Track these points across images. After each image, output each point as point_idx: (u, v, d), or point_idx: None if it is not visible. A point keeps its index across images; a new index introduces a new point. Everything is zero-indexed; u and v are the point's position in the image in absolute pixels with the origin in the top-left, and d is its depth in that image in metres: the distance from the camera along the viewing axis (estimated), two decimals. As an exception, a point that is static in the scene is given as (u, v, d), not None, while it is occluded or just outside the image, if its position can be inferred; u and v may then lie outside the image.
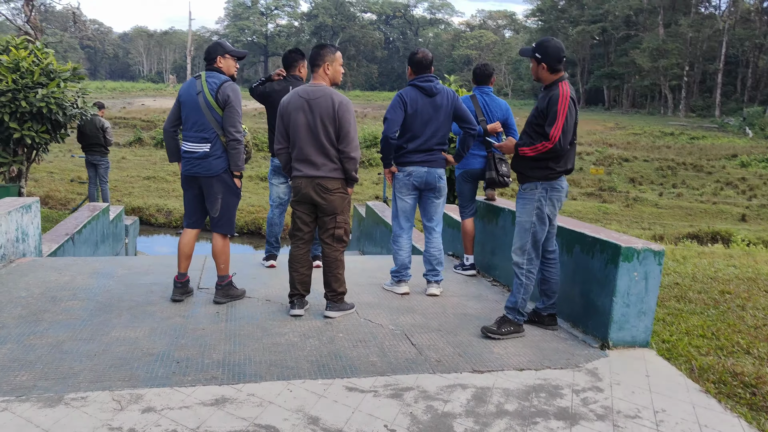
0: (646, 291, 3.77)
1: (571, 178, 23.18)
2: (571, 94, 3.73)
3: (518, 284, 3.91)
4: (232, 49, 4.45)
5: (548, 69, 3.77)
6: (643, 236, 15.56)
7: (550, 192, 3.84)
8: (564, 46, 3.87)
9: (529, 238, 3.85)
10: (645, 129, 39.79)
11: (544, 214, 3.83)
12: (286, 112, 4.08)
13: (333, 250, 4.20)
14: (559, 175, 3.84)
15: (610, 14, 58.88)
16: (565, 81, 3.79)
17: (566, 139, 3.69)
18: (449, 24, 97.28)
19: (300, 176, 4.09)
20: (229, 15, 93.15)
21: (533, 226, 3.84)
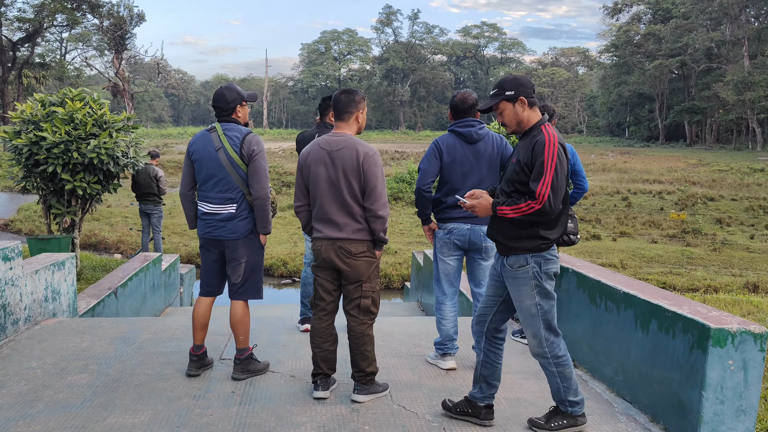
0: (745, 384, 2.99)
1: (652, 219, 21.77)
2: (559, 140, 3.01)
3: (551, 375, 3.22)
4: (248, 93, 4.05)
5: (528, 103, 3.09)
6: (734, 284, 14.13)
7: (545, 265, 3.11)
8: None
9: (541, 324, 3.15)
10: (732, 165, 37.37)
11: (546, 289, 3.12)
12: (306, 165, 3.61)
13: (359, 324, 3.63)
14: (553, 243, 3.13)
15: (690, 47, 56.57)
16: (548, 123, 3.10)
17: (557, 198, 2.96)
18: (520, 62, 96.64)
19: (320, 238, 3.59)
20: (303, 61, 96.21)
21: (539, 309, 3.13)
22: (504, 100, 3.11)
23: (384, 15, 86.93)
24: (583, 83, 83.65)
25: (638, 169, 35.05)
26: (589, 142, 63.28)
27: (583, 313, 4.31)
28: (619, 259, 16.38)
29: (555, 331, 3.19)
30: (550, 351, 3.17)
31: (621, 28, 64.99)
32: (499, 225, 3.14)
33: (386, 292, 14.55)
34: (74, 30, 49.01)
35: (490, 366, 3.35)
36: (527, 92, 3.08)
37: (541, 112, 3.17)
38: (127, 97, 51.12)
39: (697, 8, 55.80)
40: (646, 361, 3.48)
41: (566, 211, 3.17)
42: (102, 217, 21.39)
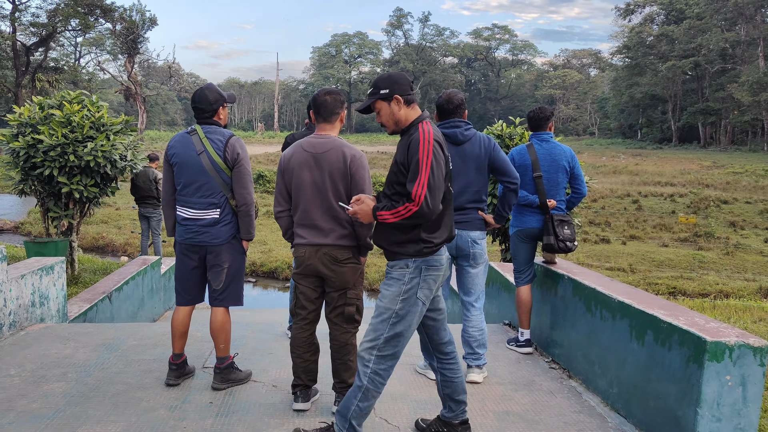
0: (744, 401, 2.82)
1: (663, 222, 21.45)
2: (436, 137, 2.81)
3: (357, 387, 2.91)
4: (227, 94, 3.92)
5: (405, 101, 2.91)
6: (746, 289, 13.84)
7: (426, 271, 2.86)
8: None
9: (386, 331, 2.85)
10: (746, 167, 36.82)
11: (416, 299, 2.85)
12: (288, 168, 3.46)
13: (342, 332, 3.48)
14: (437, 247, 2.88)
15: (704, 48, 55.94)
16: (426, 121, 2.89)
17: (435, 198, 2.73)
18: (532, 65, 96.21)
19: (303, 244, 3.44)
20: (314, 64, 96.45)
21: (394, 317, 2.86)
22: (379, 99, 2.94)
23: (395, 18, 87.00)
24: (595, 85, 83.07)
25: (650, 172, 34.64)
26: (600, 144, 62.76)
27: (579, 322, 4.14)
28: (628, 263, 16.12)
29: (394, 348, 2.88)
30: (375, 363, 2.87)
31: (633, 30, 64.47)
32: (383, 231, 2.93)
33: (391, 296, 14.40)
34: (88, 35, 49.42)
35: (450, 383, 3.13)
36: (403, 90, 2.92)
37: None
38: (140, 101, 51.42)
39: (711, 8, 55.22)
40: (641, 375, 3.31)
41: (449, 212, 2.94)
42: (110, 220, 21.44)
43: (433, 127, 2.88)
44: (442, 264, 2.93)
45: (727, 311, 8.59)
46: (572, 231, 4.59)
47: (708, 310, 8.75)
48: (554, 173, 4.62)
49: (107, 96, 70.09)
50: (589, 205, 23.94)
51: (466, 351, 4.11)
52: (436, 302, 3.07)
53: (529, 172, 4.58)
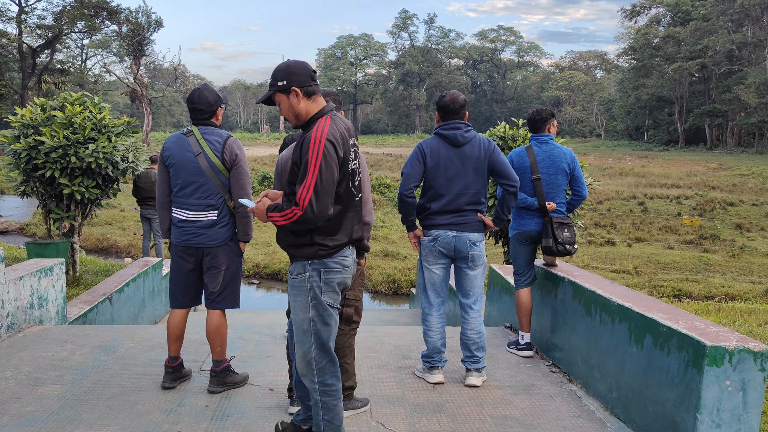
0: (744, 407, 2.77)
1: (669, 224, 21.33)
2: (331, 135, 2.61)
3: (314, 404, 2.81)
4: (222, 95, 3.89)
5: (305, 93, 2.71)
6: (752, 292, 13.73)
7: (324, 274, 2.73)
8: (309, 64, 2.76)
9: (312, 342, 2.76)
10: (753, 169, 36.59)
11: (324, 304, 2.75)
12: (285, 171, 3.43)
13: (340, 334, 3.44)
14: (334, 250, 2.74)
15: (710, 50, 55.65)
16: (328, 115, 2.71)
17: (322, 203, 2.57)
18: (538, 66, 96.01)
19: None
20: (320, 66, 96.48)
21: (312, 325, 2.75)
22: (277, 91, 2.74)
23: (400, 19, 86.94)
24: (601, 87, 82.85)
25: (656, 174, 34.48)
26: (607, 146, 62.54)
27: (579, 325, 4.09)
28: (633, 266, 16.03)
29: (329, 353, 2.79)
30: (318, 376, 2.77)
31: (639, 31, 64.22)
32: (280, 232, 2.80)
33: (394, 298, 14.37)
34: (94, 36, 49.60)
35: (303, 386, 3.02)
36: (301, 81, 2.71)
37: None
38: (145, 102, 51.63)
39: (718, 10, 54.95)
40: (641, 379, 3.26)
41: (351, 214, 2.78)
42: (114, 221, 21.49)
43: (335, 122, 2.71)
44: (346, 266, 2.80)
45: (732, 314, 8.51)
46: (572, 234, 4.55)
47: (713, 313, 8.67)
48: (553, 175, 4.58)
49: (113, 98, 70.37)
50: (595, 207, 23.84)
51: (465, 354, 4.07)
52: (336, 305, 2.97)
53: (528, 174, 4.54)
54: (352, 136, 2.84)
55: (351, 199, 2.78)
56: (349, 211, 2.79)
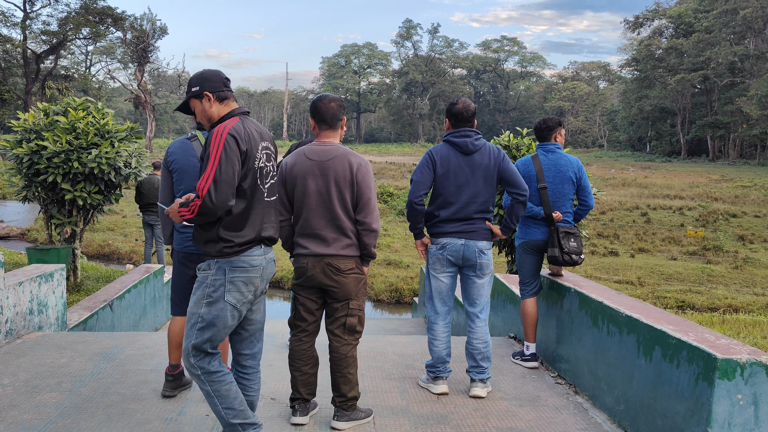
0: (756, 421, 2.71)
1: (672, 235, 21.25)
2: (234, 129, 2.71)
3: (206, 395, 2.83)
4: None
5: (216, 98, 2.85)
6: (756, 304, 13.65)
7: (231, 273, 2.75)
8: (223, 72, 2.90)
9: (194, 338, 2.77)
10: (755, 181, 36.52)
11: (224, 303, 2.75)
12: (291, 177, 3.37)
13: (343, 344, 3.40)
14: (243, 248, 2.77)
15: (713, 61, 55.68)
16: (236, 117, 2.81)
17: (221, 192, 2.63)
18: (541, 76, 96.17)
19: (305, 254, 3.36)
20: (324, 74, 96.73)
21: (200, 322, 2.77)
22: (192, 97, 2.89)
23: (404, 29, 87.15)
24: (604, 97, 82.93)
25: (659, 185, 34.43)
26: (609, 157, 62.52)
27: (585, 336, 4.04)
28: (636, 276, 15.96)
29: (203, 350, 2.79)
30: (198, 364, 2.80)
31: (642, 42, 64.33)
32: (195, 229, 2.85)
33: (397, 307, 14.30)
34: (99, 43, 49.76)
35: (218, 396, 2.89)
36: (213, 86, 2.86)
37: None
38: (149, 109, 51.72)
39: (720, 22, 55.06)
40: (649, 392, 3.20)
41: (259, 211, 2.83)
42: (116, 227, 21.46)
43: (243, 122, 2.80)
44: (254, 266, 2.81)
45: (736, 326, 8.45)
46: (579, 244, 4.50)
47: (717, 325, 8.61)
48: (560, 184, 4.54)
49: (117, 104, 70.51)
50: (598, 217, 23.77)
51: (470, 364, 4.01)
52: (253, 311, 2.97)
53: (534, 183, 4.50)
54: (267, 139, 2.94)
55: (259, 197, 2.84)
56: (256, 209, 2.84)
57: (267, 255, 2.91)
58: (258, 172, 2.82)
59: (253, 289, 2.84)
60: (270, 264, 2.93)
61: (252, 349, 3.06)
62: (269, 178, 2.92)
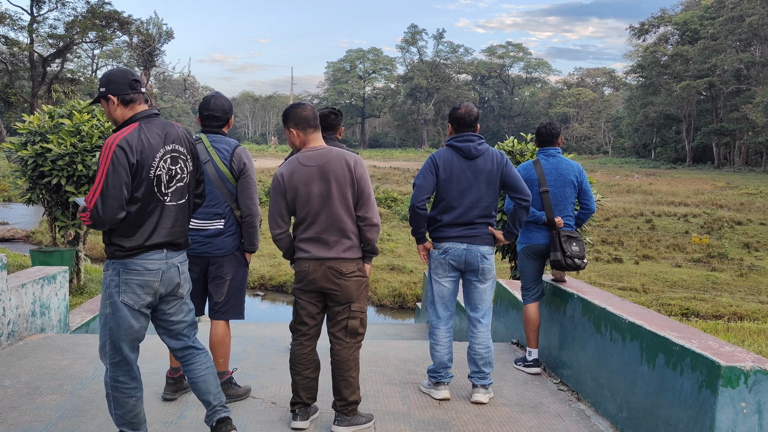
0: (760, 430, 2.68)
1: (676, 242, 21.17)
2: (124, 140, 2.70)
3: (107, 395, 2.89)
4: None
5: (121, 101, 2.82)
6: (761, 311, 13.57)
7: (125, 275, 2.79)
8: (132, 69, 2.89)
9: (107, 338, 2.84)
10: (761, 189, 36.39)
11: (120, 304, 2.80)
12: (291, 187, 3.33)
13: (345, 347, 3.39)
14: (135, 252, 2.79)
15: (718, 68, 55.65)
16: (134, 123, 2.80)
17: (108, 206, 2.66)
18: (546, 83, 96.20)
19: (307, 258, 3.34)
20: (329, 79, 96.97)
21: (107, 321, 2.83)
22: (101, 97, 2.87)
23: (409, 34, 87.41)
24: (609, 104, 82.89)
25: (664, 191, 34.33)
26: (614, 163, 62.43)
27: (588, 342, 4.01)
28: (641, 283, 15.89)
29: (121, 353, 2.83)
30: (111, 371, 2.86)
31: (647, 49, 64.33)
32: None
33: (399, 312, 14.27)
34: (105, 47, 50.01)
35: (193, 385, 3.07)
36: (118, 89, 2.82)
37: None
38: (154, 113, 51.85)
39: (726, 29, 55.00)
40: (652, 399, 3.18)
41: (155, 218, 2.83)
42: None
43: (141, 129, 2.79)
44: (150, 270, 2.82)
45: (741, 334, 8.39)
46: (581, 248, 4.48)
47: (721, 333, 8.56)
48: (561, 188, 4.53)
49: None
50: (602, 223, 23.71)
51: (472, 369, 3.99)
52: (170, 313, 2.99)
53: (536, 188, 4.49)
54: (175, 142, 2.90)
55: (155, 203, 2.84)
56: (152, 216, 2.83)
57: (170, 260, 2.91)
58: (155, 180, 2.82)
59: (150, 291, 2.85)
60: (172, 269, 2.92)
61: (183, 343, 3.08)
62: (175, 182, 2.91)
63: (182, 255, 3.01)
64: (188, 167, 2.98)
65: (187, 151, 2.99)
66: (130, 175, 2.72)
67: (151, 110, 2.89)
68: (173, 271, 2.92)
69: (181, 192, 2.94)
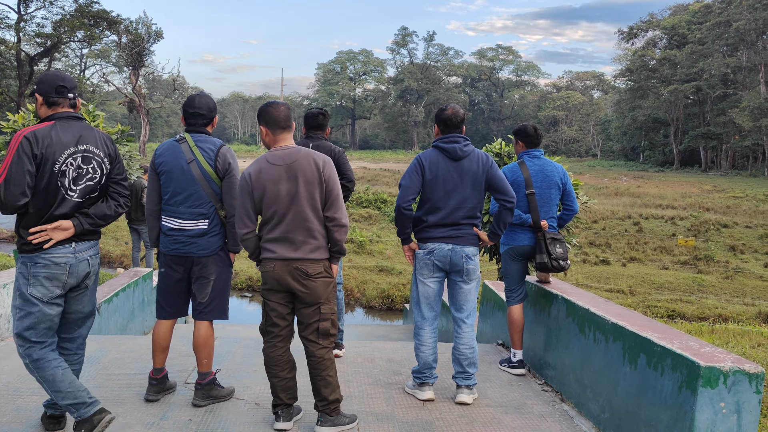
0: (738, 429, 2.70)
1: (663, 245, 21.32)
2: (32, 133, 2.92)
3: (37, 380, 3.10)
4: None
5: (45, 102, 3.06)
6: (745, 314, 13.70)
7: (33, 268, 2.97)
8: (66, 75, 3.13)
9: (16, 327, 3.03)
10: (747, 192, 36.74)
11: (27, 296, 2.97)
12: (259, 185, 3.30)
13: (319, 348, 3.38)
14: (39, 246, 2.95)
15: (706, 73, 56.13)
16: (47, 122, 3.01)
17: (9, 192, 2.85)
18: (535, 86, 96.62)
19: (273, 258, 3.31)
20: (319, 80, 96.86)
21: (18, 312, 3.01)
22: (32, 94, 3.13)
23: (400, 36, 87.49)
24: (598, 107, 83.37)
25: (651, 194, 34.57)
26: (603, 166, 62.80)
27: (572, 343, 4.03)
28: (628, 285, 15.99)
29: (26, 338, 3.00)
30: (25, 353, 3.03)
31: (636, 53, 64.79)
32: None
33: (388, 314, 14.27)
34: (93, 46, 49.68)
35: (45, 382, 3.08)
36: (44, 90, 3.06)
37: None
38: (143, 113, 51.60)
39: (713, 34, 55.50)
40: (634, 399, 3.20)
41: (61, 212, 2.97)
42: (108, 231, 21.35)
43: (55, 127, 2.98)
44: (57, 263, 2.98)
45: (725, 336, 8.45)
46: (564, 250, 4.51)
47: (706, 334, 8.62)
48: (547, 189, 4.55)
49: (111, 108, 70.33)
50: (590, 225, 23.83)
51: (456, 370, 4.00)
52: (70, 303, 3.13)
53: (522, 189, 4.50)
54: (89, 144, 3.08)
55: (61, 199, 2.99)
56: (57, 210, 2.98)
57: (79, 254, 3.08)
58: (59, 174, 2.97)
59: (59, 284, 3.02)
60: (81, 263, 3.08)
61: (70, 334, 3.24)
62: (84, 180, 3.07)
63: (94, 247, 3.17)
64: (104, 169, 3.15)
65: (105, 154, 3.16)
66: (33, 164, 2.90)
67: (72, 113, 3.10)
68: (83, 265, 3.10)
69: (90, 190, 3.10)
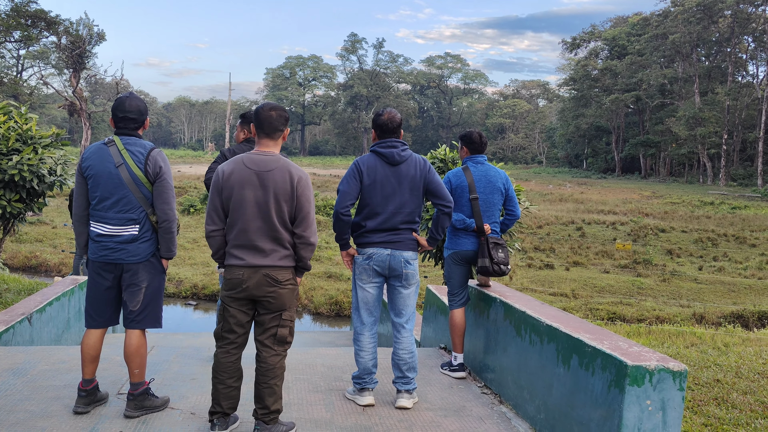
0: (663, 426, 2.79)
1: (605, 249, 21.96)
2: None
3: None
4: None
5: None
6: (680, 315, 14.22)
7: None
8: None
9: None
10: (683, 198, 38.29)
11: None
12: (228, 186, 3.27)
13: (273, 355, 3.33)
14: None
15: (644, 83, 58.31)
16: None
17: None
18: (483, 94, 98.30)
19: (242, 266, 3.27)
20: (268, 86, 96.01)
21: None
22: None
23: (349, 43, 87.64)
24: (543, 115, 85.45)
25: (594, 200, 35.58)
26: (548, 173, 64.32)
27: (510, 346, 4.09)
28: (571, 289, 16.38)
29: None
30: None
31: (579, 63, 66.76)
32: None
33: (336, 320, 14.20)
34: (31, 47, 47.91)
35: None
36: None
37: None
38: (84, 117, 49.96)
39: (651, 46, 57.73)
40: (567, 400, 3.27)
41: None
42: (45, 239, 20.57)
43: None
44: None
45: (661, 336, 8.75)
46: (506, 254, 4.58)
47: (644, 335, 8.90)
48: (490, 194, 4.62)
49: (51, 111, 67.88)
50: (535, 231, 24.33)
51: (396, 375, 4.00)
52: None
53: (466, 194, 4.56)
54: None
55: None
56: None
57: None
58: None
59: None
60: None
61: None
62: None
63: None
64: None
65: None
66: None
67: None
68: None
69: None
